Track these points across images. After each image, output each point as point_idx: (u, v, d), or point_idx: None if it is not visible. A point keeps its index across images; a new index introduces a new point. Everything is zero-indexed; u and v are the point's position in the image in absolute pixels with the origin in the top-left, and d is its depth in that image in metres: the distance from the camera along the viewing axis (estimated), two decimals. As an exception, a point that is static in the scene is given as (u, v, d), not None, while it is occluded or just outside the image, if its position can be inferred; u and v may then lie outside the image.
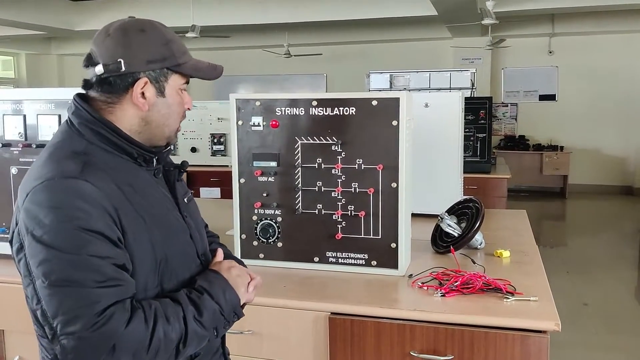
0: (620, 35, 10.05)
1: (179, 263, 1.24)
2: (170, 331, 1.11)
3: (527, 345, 1.63)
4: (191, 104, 1.30)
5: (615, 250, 6.66)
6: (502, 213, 3.33)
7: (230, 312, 1.25)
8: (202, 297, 1.19)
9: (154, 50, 1.19)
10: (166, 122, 1.25)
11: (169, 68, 1.21)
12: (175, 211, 1.28)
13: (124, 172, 1.18)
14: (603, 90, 10.17)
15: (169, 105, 1.24)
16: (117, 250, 1.10)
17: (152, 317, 1.10)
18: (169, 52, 1.21)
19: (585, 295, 4.96)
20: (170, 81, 1.23)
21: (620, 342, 4.00)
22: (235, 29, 9.95)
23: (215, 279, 1.25)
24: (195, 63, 1.26)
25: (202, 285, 1.21)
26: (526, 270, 2.09)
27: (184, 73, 1.24)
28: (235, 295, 1.26)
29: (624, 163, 10.21)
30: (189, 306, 1.16)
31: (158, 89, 1.21)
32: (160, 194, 1.26)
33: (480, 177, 4.81)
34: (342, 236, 2.06)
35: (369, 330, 1.76)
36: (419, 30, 10.37)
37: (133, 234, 1.13)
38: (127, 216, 1.13)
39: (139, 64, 1.18)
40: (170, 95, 1.23)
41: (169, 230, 1.23)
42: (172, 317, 1.12)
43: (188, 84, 1.28)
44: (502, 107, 10.66)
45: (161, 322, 1.10)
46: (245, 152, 2.13)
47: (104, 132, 1.18)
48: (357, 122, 2.00)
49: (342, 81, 11.11)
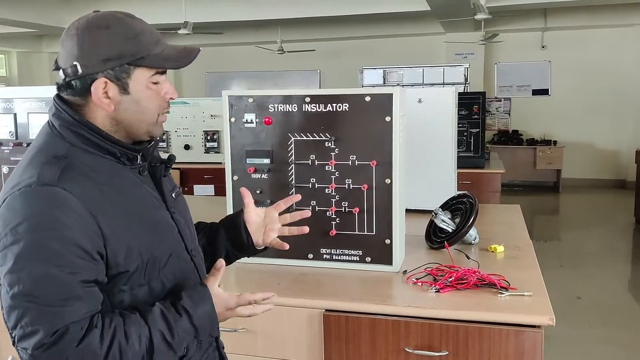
0: (612, 30, 10.08)
1: (167, 261, 1.22)
2: (127, 350, 1.09)
3: (522, 340, 1.63)
4: (173, 93, 1.23)
5: (608, 243, 6.69)
6: (496, 208, 3.34)
7: (205, 335, 1.23)
8: (180, 320, 1.15)
9: (111, 48, 1.14)
10: (139, 118, 1.19)
11: (129, 64, 1.15)
12: (162, 209, 1.25)
13: (107, 173, 1.16)
14: (596, 84, 10.19)
15: (137, 102, 1.17)
16: (89, 264, 1.08)
17: (109, 335, 1.08)
18: (129, 47, 1.15)
19: (579, 288, 4.98)
20: (134, 76, 1.16)
21: (614, 335, 4.01)
22: (228, 26, 9.92)
23: (201, 299, 1.19)
24: (166, 52, 1.18)
25: (185, 306, 1.16)
26: (520, 265, 2.09)
27: (149, 65, 1.17)
28: (214, 320, 1.22)
29: (617, 157, 10.25)
30: (161, 326, 1.13)
31: (121, 86, 1.16)
32: (146, 193, 1.23)
33: (474, 172, 4.82)
34: (336, 233, 2.06)
35: (363, 327, 1.75)
36: (412, 25, 10.36)
37: (115, 237, 1.11)
38: (108, 220, 1.11)
39: (95, 65, 1.13)
40: (137, 91, 1.17)
41: (155, 230, 1.20)
42: (133, 336, 1.10)
43: (164, 74, 1.21)
44: (495, 102, 10.67)
45: (117, 342, 1.08)
46: (238, 149, 2.12)
47: (85, 134, 1.15)
48: (350, 118, 2.00)
49: (336, 77, 11.10)
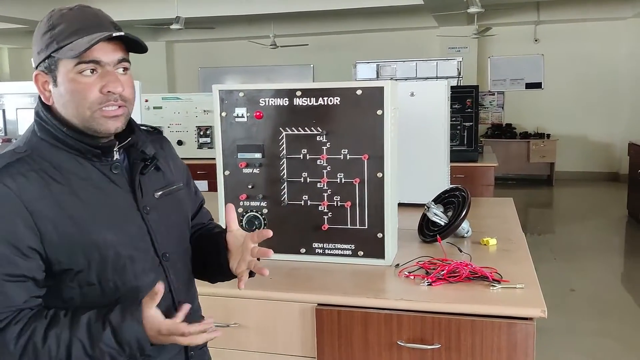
0: (605, 23, 10.10)
1: (124, 263, 1.18)
2: (42, 353, 1.07)
3: (514, 332, 1.63)
4: (115, 85, 1.14)
5: (602, 236, 6.72)
6: (488, 201, 3.34)
7: (135, 354, 1.14)
8: (104, 334, 1.09)
9: (40, 40, 1.15)
10: (70, 112, 1.15)
11: (51, 55, 1.13)
12: (131, 209, 1.21)
13: (67, 170, 1.15)
14: (588, 77, 10.22)
15: (62, 95, 1.14)
16: (16, 258, 1.08)
17: (26, 335, 1.07)
18: (51, 38, 1.13)
19: (572, 281, 5.00)
20: (61, 68, 1.13)
21: (607, 327, 4.03)
22: (220, 20, 9.88)
23: (131, 317, 1.11)
24: (80, 42, 1.11)
25: (111, 321, 1.10)
26: (513, 257, 2.09)
27: (62, 57, 1.13)
28: (144, 339, 1.11)
29: (610, 150, 10.29)
30: (82, 336, 1.09)
31: (52, 78, 1.15)
32: (111, 191, 1.19)
33: (468, 166, 4.82)
34: (328, 227, 2.05)
35: (356, 320, 1.75)
36: (405, 19, 10.35)
37: (55, 234, 1.11)
38: (46, 217, 1.10)
39: (35, 58, 1.16)
40: (62, 82, 1.14)
41: (111, 228, 1.16)
42: (51, 340, 1.08)
43: (97, 64, 1.13)
44: (488, 95, 10.69)
45: (33, 343, 1.07)
46: (230, 143, 2.11)
47: (50, 129, 1.16)
48: (341, 112, 1.99)
49: (329, 72, 11.08)
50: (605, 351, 3.67)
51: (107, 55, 1.14)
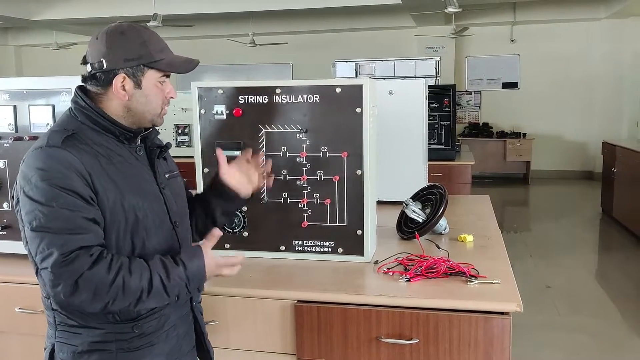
0: (579, 23, 10.27)
1: (150, 224, 1.45)
2: (130, 283, 1.32)
3: (490, 326, 1.66)
4: (174, 93, 1.51)
5: (576, 233, 6.83)
6: (466, 199, 3.38)
7: (194, 288, 1.46)
8: (176, 268, 1.39)
9: (131, 50, 1.42)
10: (146, 109, 1.47)
11: (144, 65, 1.43)
12: (152, 183, 1.50)
13: (106, 147, 1.42)
14: (563, 77, 10.38)
15: (146, 96, 1.45)
16: (86, 206, 1.33)
17: (116, 267, 1.32)
18: (145, 51, 1.42)
19: (548, 278, 5.08)
20: (147, 75, 1.44)
21: (582, 322, 4.11)
22: (199, 18, 9.83)
23: (195, 256, 1.44)
24: (172, 59, 1.47)
25: (182, 259, 1.41)
26: (489, 254, 2.12)
27: (158, 68, 1.45)
28: (203, 276, 1.45)
29: (585, 148, 10.47)
30: (160, 270, 1.36)
31: (136, 82, 1.43)
32: (138, 167, 1.48)
33: (445, 164, 4.86)
34: (308, 224, 2.06)
35: (335, 316, 1.76)
36: (384, 19, 10.40)
37: (104, 194, 1.37)
38: (100, 180, 1.36)
39: (117, 62, 1.41)
40: (147, 87, 1.45)
41: (141, 196, 1.44)
42: (136, 273, 1.33)
43: (169, 77, 1.49)
44: (466, 95, 10.78)
45: (123, 274, 1.32)
46: (209, 141, 2.11)
47: (92, 115, 1.43)
48: (321, 110, 2.00)
49: (308, 70, 11.06)
50: (580, 346, 3.74)
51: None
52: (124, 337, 1.42)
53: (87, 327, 1.40)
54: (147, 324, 1.44)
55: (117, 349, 1.41)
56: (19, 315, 1.99)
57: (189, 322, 1.59)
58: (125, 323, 1.42)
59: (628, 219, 6.42)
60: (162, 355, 1.49)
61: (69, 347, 1.42)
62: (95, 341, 1.40)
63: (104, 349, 1.41)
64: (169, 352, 1.51)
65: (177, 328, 1.53)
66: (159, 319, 1.47)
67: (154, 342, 1.46)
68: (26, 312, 1.98)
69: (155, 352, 1.47)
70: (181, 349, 1.55)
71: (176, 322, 1.52)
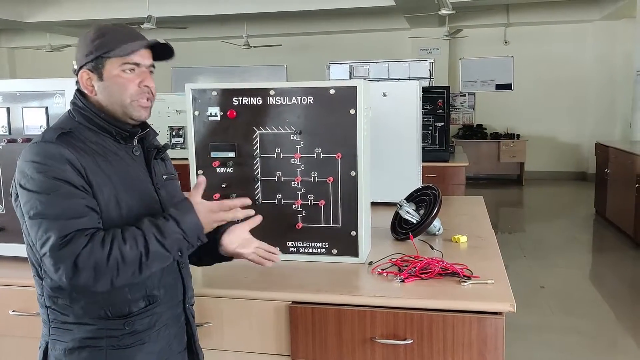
0: (572, 25, 10.31)
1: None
2: (126, 251, 1.33)
3: (484, 326, 1.67)
4: (149, 81, 1.49)
5: (570, 234, 6.85)
6: (460, 200, 3.39)
7: (194, 240, 1.42)
8: (168, 224, 1.38)
9: (91, 45, 1.45)
10: (113, 100, 1.46)
11: (101, 55, 1.43)
12: (148, 183, 1.52)
13: (102, 146, 1.45)
14: (557, 78, 10.43)
15: (108, 87, 1.45)
16: (81, 193, 1.36)
17: (109, 240, 1.33)
18: (101, 43, 1.44)
19: (541, 278, 5.10)
20: (107, 66, 1.44)
21: (575, 323, 4.12)
22: (193, 20, 9.82)
23: (186, 209, 1.42)
24: (128, 47, 1.44)
25: (171, 214, 1.40)
26: (483, 254, 2.13)
27: (116, 55, 1.44)
28: (199, 225, 1.41)
29: (578, 149, 10.51)
30: (153, 230, 1.36)
31: (98, 75, 1.45)
32: (134, 167, 1.50)
33: (439, 166, 4.87)
34: (302, 226, 2.07)
35: (330, 317, 1.77)
36: (378, 21, 10.42)
37: (99, 188, 1.39)
38: (94, 175, 1.39)
39: (81, 60, 1.47)
40: (108, 77, 1.45)
41: (136, 195, 1.46)
42: (130, 240, 1.34)
43: (138, 66, 1.46)
44: (460, 96, 10.82)
45: (117, 244, 1.33)
46: (203, 142, 2.11)
47: (89, 115, 1.47)
48: (315, 111, 2.00)
49: (303, 72, 11.08)
50: (574, 347, 3.76)
51: (143, 59, 1.47)
52: (115, 334, 1.42)
53: (78, 323, 1.42)
54: (139, 321, 1.45)
55: (108, 345, 1.42)
56: (12, 318, 1.98)
57: (181, 323, 1.58)
58: (117, 319, 1.42)
59: (621, 220, 6.46)
60: (153, 354, 1.49)
61: (60, 344, 1.43)
62: (85, 337, 1.41)
63: (94, 346, 1.42)
64: (159, 352, 1.50)
65: (169, 327, 1.53)
66: (151, 317, 1.47)
67: (144, 341, 1.46)
68: (20, 314, 1.97)
69: (146, 351, 1.47)
70: (171, 349, 1.55)
71: (168, 322, 1.52)
